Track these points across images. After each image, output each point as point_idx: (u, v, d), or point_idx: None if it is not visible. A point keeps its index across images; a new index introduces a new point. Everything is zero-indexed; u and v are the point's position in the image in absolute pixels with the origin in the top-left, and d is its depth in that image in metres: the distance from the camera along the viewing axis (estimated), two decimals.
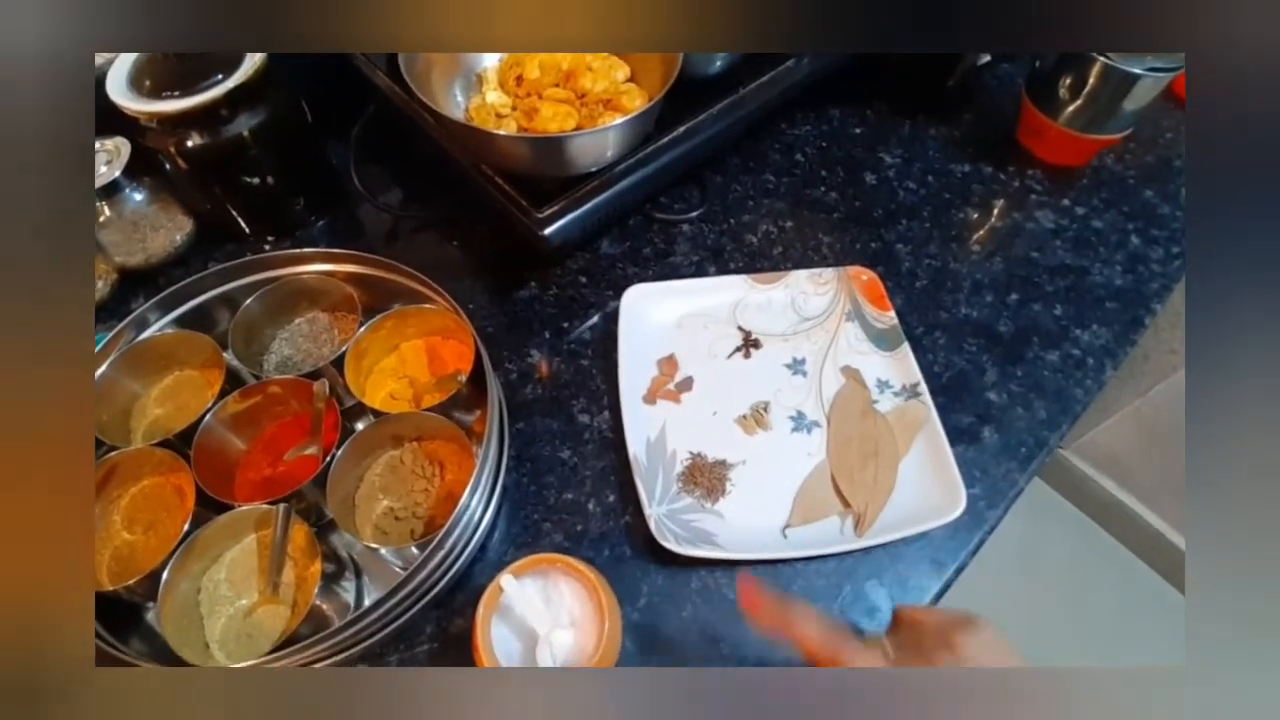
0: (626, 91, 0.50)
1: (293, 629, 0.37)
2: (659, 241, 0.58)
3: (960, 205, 0.60)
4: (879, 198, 0.61)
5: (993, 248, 0.58)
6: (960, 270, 0.56)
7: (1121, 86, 0.53)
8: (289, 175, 0.55)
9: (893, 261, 0.57)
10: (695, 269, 0.56)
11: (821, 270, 0.54)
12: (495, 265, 0.56)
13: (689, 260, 0.57)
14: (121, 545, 0.42)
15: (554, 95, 0.49)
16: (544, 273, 0.56)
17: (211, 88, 0.47)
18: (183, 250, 0.55)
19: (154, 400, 0.47)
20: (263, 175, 0.53)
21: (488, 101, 0.50)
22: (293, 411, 0.46)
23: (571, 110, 0.48)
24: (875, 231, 0.59)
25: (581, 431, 0.48)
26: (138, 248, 0.53)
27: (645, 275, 0.56)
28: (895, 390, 0.48)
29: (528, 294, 0.55)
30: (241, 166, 0.52)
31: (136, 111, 0.47)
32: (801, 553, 0.42)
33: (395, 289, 0.48)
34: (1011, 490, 0.46)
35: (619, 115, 0.49)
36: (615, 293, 0.53)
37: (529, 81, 0.50)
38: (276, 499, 0.39)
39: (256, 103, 0.49)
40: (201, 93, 0.47)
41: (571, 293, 0.55)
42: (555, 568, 0.36)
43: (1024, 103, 0.60)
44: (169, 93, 0.47)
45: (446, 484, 0.44)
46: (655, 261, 0.57)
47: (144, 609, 0.41)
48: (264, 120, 0.50)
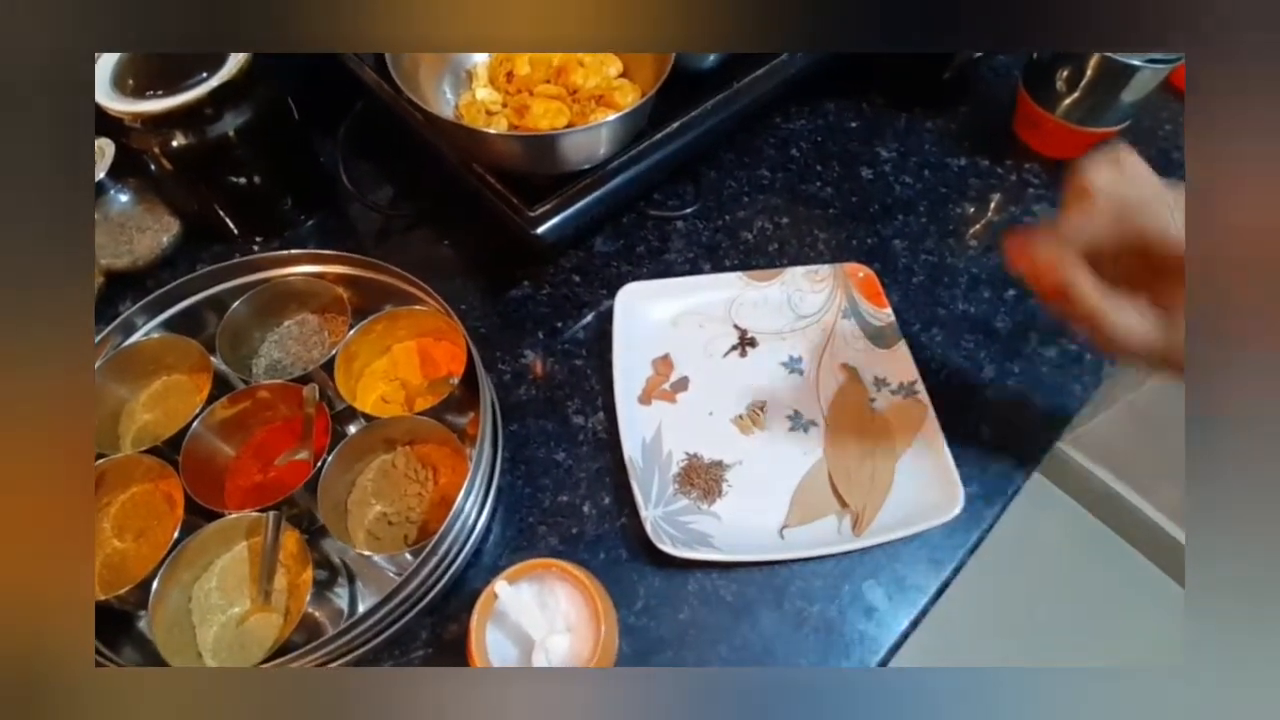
0: (619, 87, 0.49)
1: (285, 637, 0.37)
2: (653, 239, 0.57)
3: (957, 200, 0.60)
4: (875, 192, 0.60)
5: (990, 242, 0.57)
6: (957, 266, 0.56)
7: (1120, 79, 0.53)
8: (277, 174, 0.54)
9: (889, 257, 0.56)
10: (690, 266, 0.56)
11: (818, 267, 0.53)
12: (487, 264, 0.56)
13: (684, 257, 0.56)
14: (112, 553, 0.41)
15: (545, 92, 0.48)
16: (537, 271, 0.55)
17: (195, 86, 0.46)
18: (170, 252, 0.54)
19: (142, 405, 0.46)
20: (249, 175, 0.52)
21: (478, 98, 0.50)
22: (282, 416, 0.45)
23: (563, 107, 0.47)
24: (872, 227, 0.58)
25: (576, 433, 0.48)
26: (124, 250, 0.52)
27: (639, 273, 0.55)
28: (892, 388, 0.48)
29: (520, 293, 0.54)
30: (228, 166, 0.51)
31: (120, 112, 0.46)
32: (799, 554, 0.41)
33: (386, 290, 0.47)
34: (1010, 488, 0.46)
35: (611, 112, 0.48)
36: (609, 291, 0.52)
37: (519, 78, 0.49)
38: (267, 506, 0.39)
39: (242, 101, 0.48)
40: (185, 92, 0.46)
41: (565, 291, 0.55)
42: (550, 572, 0.36)
43: (1020, 95, 0.60)
44: (153, 92, 0.46)
45: (440, 488, 0.43)
46: (650, 259, 0.56)
47: (135, 617, 0.40)
48: (250, 119, 0.49)
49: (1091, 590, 1.18)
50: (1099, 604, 1.17)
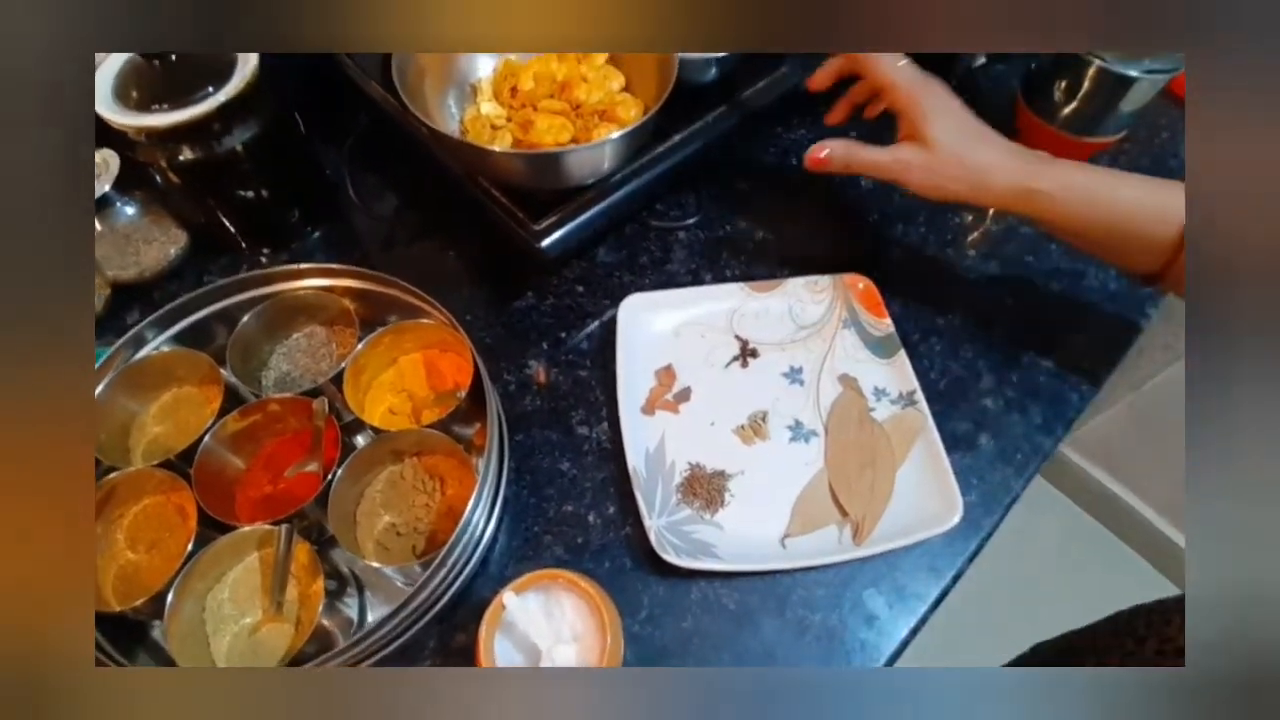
0: (621, 102, 0.50)
1: (299, 647, 0.38)
2: (655, 249, 0.58)
3: (955, 209, 0.60)
4: (874, 202, 0.61)
5: (988, 251, 0.58)
6: (956, 275, 0.56)
7: (1118, 89, 0.53)
8: (283, 187, 0.55)
9: (889, 267, 0.57)
10: (692, 277, 0.56)
11: (818, 277, 0.54)
12: (492, 275, 0.56)
13: (686, 268, 0.57)
14: (126, 565, 0.42)
15: (549, 107, 0.49)
16: (541, 282, 0.56)
17: (202, 100, 0.47)
18: (177, 263, 0.55)
19: (152, 418, 0.47)
20: (257, 188, 0.53)
21: (482, 113, 0.50)
22: (292, 429, 0.46)
23: (566, 123, 0.48)
24: (871, 237, 0.59)
25: (581, 443, 0.48)
26: (130, 261, 0.53)
27: (642, 284, 0.56)
28: (892, 398, 0.49)
29: (525, 304, 0.55)
30: (235, 179, 0.51)
31: (125, 125, 0.46)
32: (800, 563, 0.42)
33: (392, 303, 0.48)
34: (1008, 497, 0.46)
35: (614, 126, 0.49)
36: (612, 301, 0.53)
37: (523, 93, 0.50)
38: (279, 519, 0.40)
39: (249, 115, 0.49)
40: (192, 106, 0.46)
41: (569, 302, 0.55)
42: (557, 583, 0.36)
43: (1018, 105, 0.60)
44: (157, 105, 0.46)
45: (447, 499, 0.44)
46: (652, 269, 0.57)
47: (149, 627, 0.41)
48: (257, 133, 0.49)
49: (1089, 591, 1.19)
50: (1097, 605, 1.18)
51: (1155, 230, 0.39)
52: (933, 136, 0.42)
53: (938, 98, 0.44)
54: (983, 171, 0.42)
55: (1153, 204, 0.39)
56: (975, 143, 0.43)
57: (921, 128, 0.43)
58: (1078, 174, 0.41)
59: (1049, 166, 0.42)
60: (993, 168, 0.42)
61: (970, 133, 0.43)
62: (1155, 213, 0.39)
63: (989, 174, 0.42)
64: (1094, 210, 0.41)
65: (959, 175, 0.42)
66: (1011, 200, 0.42)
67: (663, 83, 0.46)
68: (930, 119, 0.43)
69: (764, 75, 0.57)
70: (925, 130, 0.42)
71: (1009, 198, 0.42)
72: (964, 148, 0.42)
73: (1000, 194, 0.42)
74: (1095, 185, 0.41)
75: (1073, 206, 0.41)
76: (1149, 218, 0.39)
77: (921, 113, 0.43)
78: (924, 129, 0.43)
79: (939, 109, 0.43)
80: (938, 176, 0.43)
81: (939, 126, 0.42)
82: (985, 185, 0.42)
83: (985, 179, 0.42)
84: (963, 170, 0.42)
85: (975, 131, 0.43)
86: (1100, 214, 0.41)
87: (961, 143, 0.43)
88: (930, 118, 0.43)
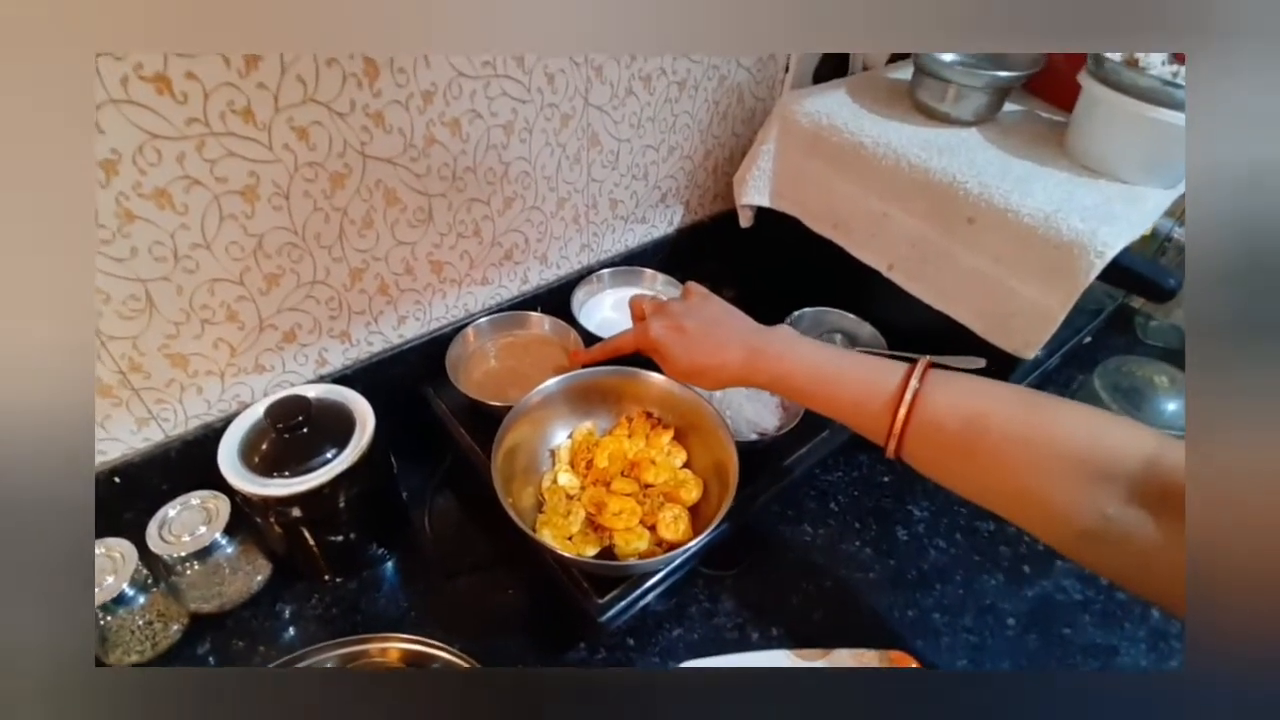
0: (684, 483, 0.56)
1: None
2: (704, 598, 0.61)
3: (990, 569, 0.64)
4: (912, 555, 0.64)
5: (1026, 622, 0.60)
6: (995, 647, 0.58)
7: None
8: (372, 527, 0.60)
9: (930, 634, 0.58)
10: (738, 632, 0.58)
11: (864, 651, 0.56)
12: (548, 622, 0.58)
13: (732, 621, 0.59)
14: None
15: (621, 489, 0.55)
16: (594, 630, 0.58)
17: (320, 468, 0.53)
18: (256, 592, 0.58)
19: None
20: (348, 531, 0.58)
21: (559, 483, 0.56)
22: None
23: (635, 507, 0.54)
24: (911, 596, 0.61)
25: None
26: (214, 593, 0.56)
27: (690, 637, 0.58)
28: None
29: (577, 655, 0.57)
30: (333, 526, 0.57)
31: (250, 493, 0.52)
32: None
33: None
34: None
35: (678, 506, 0.54)
36: (661, 658, 0.55)
37: (597, 469, 0.56)
38: None
39: (358, 477, 0.55)
40: (310, 475, 0.52)
41: (619, 655, 0.57)
42: None
43: None
44: (279, 473, 0.53)
45: None
46: (701, 621, 0.59)
47: None
48: (362, 490, 0.55)
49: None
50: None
51: (864, 392, 0.46)
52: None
53: None
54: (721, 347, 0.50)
55: (860, 373, 0.46)
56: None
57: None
58: (800, 343, 0.49)
59: (774, 334, 0.50)
60: (729, 343, 0.51)
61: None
62: (864, 380, 0.46)
63: (726, 349, 0.50)
64: (809, 369, 0.48)
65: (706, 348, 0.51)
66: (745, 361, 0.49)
67: (723, 479, 0.52)
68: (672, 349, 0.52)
69: (809, 438, 0.64)
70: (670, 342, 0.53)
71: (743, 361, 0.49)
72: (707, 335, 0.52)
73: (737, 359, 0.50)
74: (811, 349, 0.49)
75: (789, 364, 0.48)
76: (859, 381, 0.46)
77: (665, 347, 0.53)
78: None
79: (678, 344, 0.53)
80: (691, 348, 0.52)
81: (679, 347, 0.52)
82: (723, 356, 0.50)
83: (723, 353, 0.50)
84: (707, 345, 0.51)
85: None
86: (814, 375, 0.47)
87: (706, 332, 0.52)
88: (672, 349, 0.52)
